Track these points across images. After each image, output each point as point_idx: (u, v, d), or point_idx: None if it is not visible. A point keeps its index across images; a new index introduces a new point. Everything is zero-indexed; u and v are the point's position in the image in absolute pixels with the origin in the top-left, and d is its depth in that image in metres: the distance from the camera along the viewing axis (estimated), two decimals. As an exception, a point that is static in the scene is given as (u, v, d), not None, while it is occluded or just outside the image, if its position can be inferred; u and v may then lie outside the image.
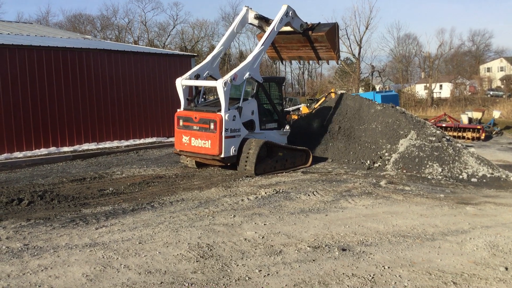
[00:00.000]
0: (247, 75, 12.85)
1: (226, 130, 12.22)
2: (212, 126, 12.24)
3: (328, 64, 20.05)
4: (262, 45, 13.53)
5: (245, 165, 12.45)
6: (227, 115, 12.20)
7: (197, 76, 13.34)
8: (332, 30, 15.33)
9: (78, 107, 17.95)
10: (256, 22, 14.67)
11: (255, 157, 12.35)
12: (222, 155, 12.23)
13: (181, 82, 13.08)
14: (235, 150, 12.51)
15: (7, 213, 8.59)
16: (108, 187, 10.86)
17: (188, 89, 13.53)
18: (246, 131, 12.91)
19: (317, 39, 15.43)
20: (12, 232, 7.38)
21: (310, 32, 15.31)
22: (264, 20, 14.69)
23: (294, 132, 15.85)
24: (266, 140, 12.99)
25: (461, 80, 64.94)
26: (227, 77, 12.33)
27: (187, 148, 12.87)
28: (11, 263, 6.10)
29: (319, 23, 15.57)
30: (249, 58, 13.19)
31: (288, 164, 13.47)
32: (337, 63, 17.98)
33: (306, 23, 15.24)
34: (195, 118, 12.64)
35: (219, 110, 12.28)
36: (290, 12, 14.43)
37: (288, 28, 15.04)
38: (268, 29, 13.90)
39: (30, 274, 5.75)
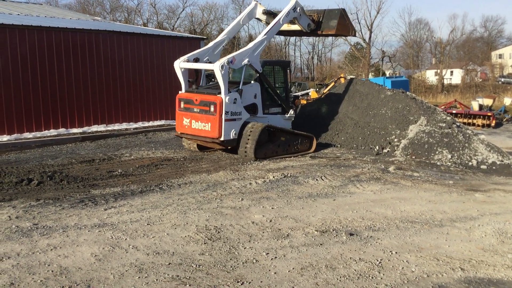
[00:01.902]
0: (246, 61, 12.55)
1: (226, 113, 12.03)
2: (212, 109, 12.07)
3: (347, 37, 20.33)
4: (265, 35, 13.25)
5: (245, 149, 12.29)
6: (227, 98, 12.01)
7: (196, 60, 13.11)
8: (341, 22, 14.90)
9: (87, 88, 17.97)
10: (264, 17, 14.38)
11: (255, 141, 12.16)
12: (222, 138, 12.07)
13: (179, 65, 12.89)
14: (235, 134, 12.31)
15: (17, 193, 8.66)
16: (117, 168, 10.92)
17: (188, 71, 13.31)
18: (248, 114, 12.70)
19: (329, 34, 15.36)
20: (22, 212, 7.45)
21: (319, 31, 15.03)
22: (272, 16, 14.38)
23: (303, 116, 15.81)
24: (267, 124, 12.77)
25: (472, 67, 64.24)
26: (224, 59, 12.09)
27: (188, 130, 12.75)
28: (20, 242, 6.16)
29: (324, 11, 15.16)
30: (250, 45, 12.97)
31: (291, 149, 13.27)
32: (355, 35, 18.18)
33: (313, 19, 14.83)
34: (196, 100, 12.49)
35: (220, 93, 12.12)
36: (298, 8, 14.13)
37: (296, 27, 14.79)
38: (274, 21, 13.62)
39: (40, 253, 5.80)
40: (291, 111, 14.19)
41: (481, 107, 27.61)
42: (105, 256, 5.73)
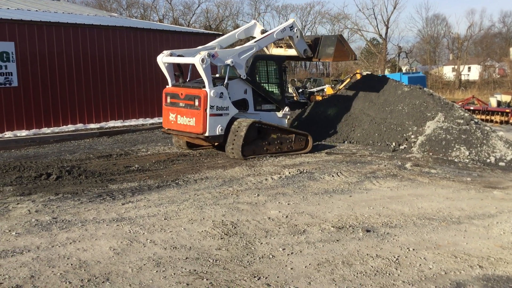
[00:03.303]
0: (229, 61, 12.03)
1: (211, 107, 11.52)
2: (196, 103, 11.63)
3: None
4: (255, 42, 12.86)
5: (232, 146, 11.78)
6: (212, 91, 11.49)
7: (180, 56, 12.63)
8: (338, 48, 14.57)
9: (104, 84, 18.15)
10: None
11: (242, 138, 11.59)
12: (207, 134, 11.54)
13: (162, 60, 12.45)
14: (221, 130, 11.75)
15: (36, 187, 8.79)
16: (134, 164, 11.01)
17: (173, 67, 12.86)
18: (236, 110, 12.12)
19: (326, 62, 15.22)
20: (41, 206, 7.56)
21: (315, 59, 14.80)
22: None
23: (319, 113, 15.76)
24: (255, 120, 12.17)
25: (490, 63, 63.35)
26: (205, 53, 11.58)
27: (174, 126, 12.28)
28: (40, 235, 6.26)
29: (321, 37, 14.96)
30: (237, 47, 12.66)
31: (284, 148, 12.63)
32: (355, 59, 17.60)
33: (309, 45, 14.55)
34: (181, 94, 12.07)
35: (205, 86, 11.71)
36: (295, 29, 13.83)
37: (292, 52, 14.56)
38: (268, 32, 13.39)
39: (59, 246, 5.89)
40: (286, 108, 13.46)
41: (499, 103, 27.22)
42: (123, 250, 5.80)
